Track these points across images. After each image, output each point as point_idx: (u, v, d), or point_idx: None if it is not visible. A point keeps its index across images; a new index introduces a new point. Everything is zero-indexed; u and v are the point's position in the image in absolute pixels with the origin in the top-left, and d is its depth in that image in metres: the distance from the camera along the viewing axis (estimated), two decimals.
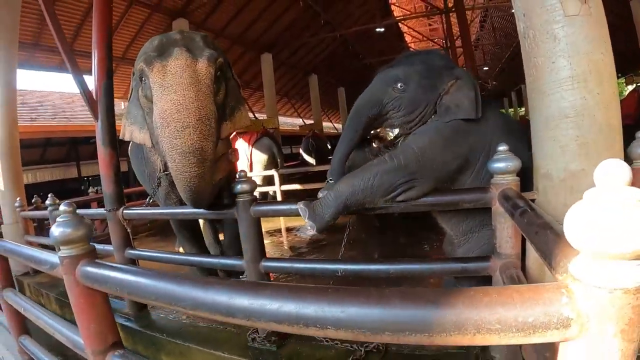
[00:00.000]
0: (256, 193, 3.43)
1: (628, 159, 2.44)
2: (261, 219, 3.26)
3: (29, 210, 7.05)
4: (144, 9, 12.43)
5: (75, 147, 17.11)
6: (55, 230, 1.80)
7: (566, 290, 0.76)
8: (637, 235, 0.64)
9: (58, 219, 1.84)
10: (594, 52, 2.03)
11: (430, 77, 2.77)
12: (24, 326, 3.65)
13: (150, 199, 4.16)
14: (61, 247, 1.83)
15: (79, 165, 17.67)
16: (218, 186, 3.58)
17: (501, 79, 35.07)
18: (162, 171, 3.73)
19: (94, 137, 11.69)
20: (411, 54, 3.12)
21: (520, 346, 1.96)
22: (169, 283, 1.41)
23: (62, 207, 1.88)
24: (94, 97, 4.35)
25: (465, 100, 2.66)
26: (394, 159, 2.56)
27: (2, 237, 5.09)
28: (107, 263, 1.75)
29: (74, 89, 5.03)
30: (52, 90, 17.69)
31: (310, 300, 1.01)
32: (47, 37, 11.47)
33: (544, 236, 1.15)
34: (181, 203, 3.97)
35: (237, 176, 3.18)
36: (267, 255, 3.35)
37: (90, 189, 10.08)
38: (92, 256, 1.85)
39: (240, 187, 3.08)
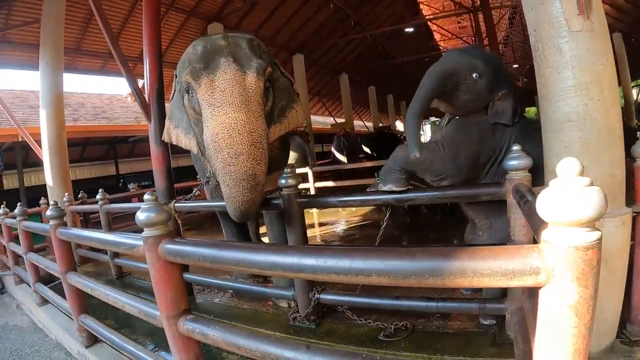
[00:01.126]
0: None
1: (632, 157, 2.71)
2: None
3: (77, 205, 7.42)
4: (180, 14, 12.87)
5: (114, 146, 17.71)
6: (141, 215, 2.14)
7: (537, 249, 1.10)
8: (582, 210, 0.97)
9: (142, 206, 2.16)
10: (596, 64, 2.35)
11: (496, 82, 3.17)
12: (84, 306, 3.96)
13: (196, 191, 4.36)
14: (145, 229, 2.17)
15: (117, 163, 18.25)
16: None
17: (531, 76, 34.55)
18: (211, 173, 3.70)
19: (133, 137, 12.22)
20: (481, 51, 3.46)
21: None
22: (246, 251, 1.81)
23: (146, 196, 2.19)
24: (147, 100, 4.65)
25: (510, 110, 3.15)
26: (446, 149, 3.08)
27: None
28: (188, 239, 2.14)
29: (113, 91, 5.40)
30: (91, 92, 18.27)
31: (359, 256, 1.40)
32: (88, 42, 12.09)
33: (534, 217, 1.48)
34: None
35: (284, 171, 3.41)
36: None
37: (132, 185, 10.58)
38: (172, 235, 2.21)
39: (286, 182, 3.36)
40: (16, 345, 4.96)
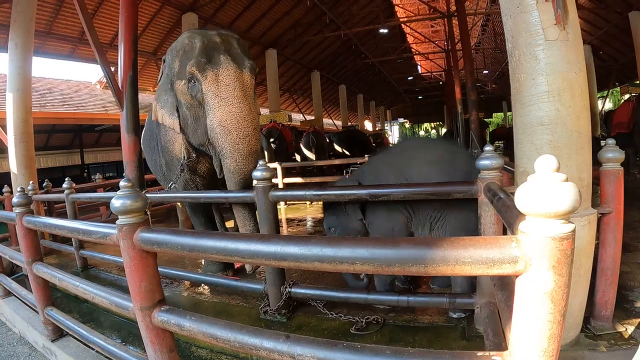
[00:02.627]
0: None
1: (598, 162, 2.84)
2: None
3: (41, 193, 7.28)
4: (155, 2, 12.74)
5: (80, 134, 17.32)
6: (117, 202, 2.10)
7: (515, 239, 1.16)
8: (558, 203, 1.04)
9: (118, 193, 2.13)
10: (569, 72, 2.47)
11: None
12: (49, 298, 3.88)
13: (172, 184, 4.47)
14: (120, 217, 2.13)
15: (82, 152, 17.89)
16: None
17: (501, 83, 35.30)
18: (185, 158, 4.23)
19: (100, 126, 11.99)
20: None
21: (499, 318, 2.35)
22: (227, 239, 1.80)
23: (122, 183, 2.15)
24: (120, 87, 4.60)
25: None
26: None
27: None
28: (164, 228, 2.12)
29: (81, 77, 5.35)
30: (59, 78, 17.87)
31: (344, 245, 1.46)
32: (59, 25, 11.80)
33: (509, 211, 1.56)
34: (199, 189, 4.54)
35: (258, 164, 3.47)
36: None
37: (97, 176, 10.38)
38: (148, 224, 2.19)
39: (260, 174, 3.39)
40: None
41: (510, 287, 1.69)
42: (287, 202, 9.99)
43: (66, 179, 6.32)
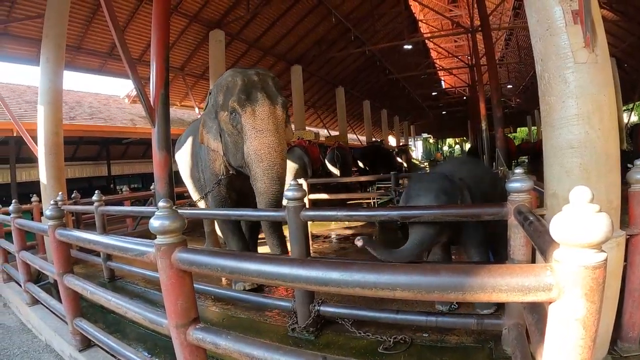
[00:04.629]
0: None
1: (627, 183, 2.83)
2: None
3: (70, 204, 7.37)
4: (183, 19, 13.02)
5: (107, 146, 17.63)
6: (155, 222, 2.15)
7: (550, 267, 1.20)
8: (591, 234, 1.07)
9: (157, 213, 2.18)
10: (598, 94, 2.48)
11: None
12: (79, 308, 3.93)
13: (207, 193, 4.97)
14: (158, 236, 2.18)
15: (109, 164, 18.18)
16: None
17: (525, 97, 34.94)
18: (224, 175, 4.82)
19: (127, 138, 12.19)
20: None
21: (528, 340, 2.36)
22: (269, 263, 1.85)
23: (161, 204, 2.20)
24: (152, 104, 4.71)
25: None
26: None
27: None
28: (202, 249, 2.18)
29: (109, 91, 5.53)
30: (88, 92, 18.23)
31: (385, 272, 1.50)
32: (89, 40, 12.19)
33: (542, 237, 1.59)
34: (234, 206, 5.01)
35: (289, 184, 3.56)
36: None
37: (125, 188, 10.60)
38: (185, 244, 2.23)
39: (292, 194, 3.45)
40: (3, 345, 4.91)
41: (541, 311, 1.70)
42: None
43: (96, 192, 6.43)
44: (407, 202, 3.38)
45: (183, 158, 5.90)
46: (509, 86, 32.99)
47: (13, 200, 5.54)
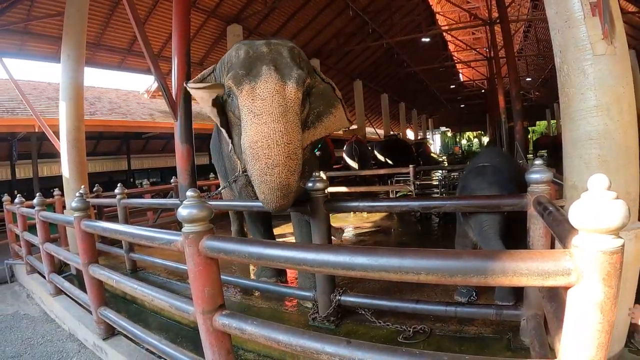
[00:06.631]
0: None
1: None
2: None
3: (92, 197, 7.55)
4: (201, 14, 13.08)
5: (127, 141, 17.89)
6: (183, 211, 2.21)
7: (569, 253, 1.25)
8: (609, 220, 1.12)
9: (185, 202, 2.25)
10: (617, 86, 2.50)
11: None
12: (103, 298, 4.04)
13: (222, 188, 4.55)
14: (186, 225, 2.24)
15: (129, 158, 18.43)
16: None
17: (544, 91, 34.54)
18: (241, 172, 3.85)
19: (146, 133, 12.26)
20: None
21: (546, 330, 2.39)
22: (295, 250, 1.92)
23: (189, 193, 2.27)
24: (174, 98, 4.74)
25: None
26: None
27: None
28: (229, 237, 2.25)
29: (128, 86, 5.49)
30: (108, 87, 18.47)
31: (409, 256, 1.55)
32: (108, 37, 12.34)
33: (561, 226, 1.63)
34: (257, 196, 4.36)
35: (313, 175, 3.50)
36: None
37: (146, 181, 10.78)
38: (212, 232, 2.30)
39: (315, 185, 3.47)
40: (27, 335, 5.05)
41: (559, 299, 1.74)
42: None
43: (118, 185, 6.63)
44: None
45: (213, 147, 4.89)
46: (527, 79, 32.61)
47: (37, 194, 5.67)
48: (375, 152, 16.47)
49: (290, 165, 3.00)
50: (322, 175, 3.50)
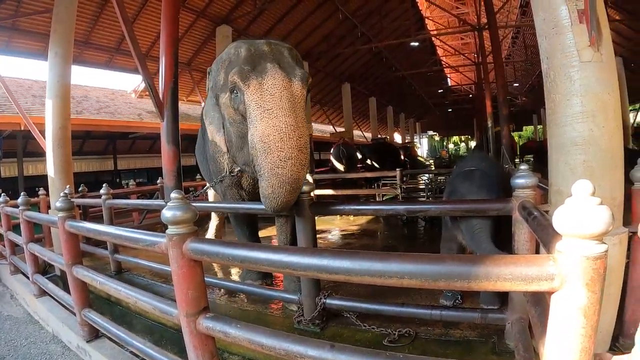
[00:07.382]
0: None
1: (630, 181, 2.88)
2: None
3: (77, 197, 7.45)
4: (190, 14, 13.04)
5: (114, 141, 17.72)
6: (167, 213, 2.20)
7: (553, 258, 1.25)
8: (593, 225, 1.12)
9: (169, 204, 2.23)
10: (603, 93, 2.52)
11: None
12: (87, 300, 3.97)
13: (206, 188, 4.66)
14: (170, 226, 2.23)
15: (116, 158, 18.27)
16: None
17: (532, 96, 34.83)
18: (228, 173, 4.04)
19: (133, 133, 12.25)
20: None
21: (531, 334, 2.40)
22: (279, 253, 1.91)
23: (173, 194, 2.26)
24: (161, 99, 4.72)
25: None
26: None
27: None
28: (213, 239, 2.23)
29: (116, 86, 5.46)
30: (95, 86, 18.33)
31: (393, 261, 1.55)
32: (96, 36, 12.27)
33: (545, 231, 1.64)
34: (243, 199, 4.39)
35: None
36: None
37: (132, 182, 10.70)
38: (197, 234, 2.28)
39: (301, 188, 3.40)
40: (11, 336, 4.97)
41: (544, 304, 1.75)
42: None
43: (103, 185, 6.51)
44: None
45: (198, 149, 5.10)
46: (515, 84, 32.87)
47: (22, 193, 5.60)
48: (363, 155, 16.52)
49: (301, 159, 3.10)
50: (309, 177, 3.50)
